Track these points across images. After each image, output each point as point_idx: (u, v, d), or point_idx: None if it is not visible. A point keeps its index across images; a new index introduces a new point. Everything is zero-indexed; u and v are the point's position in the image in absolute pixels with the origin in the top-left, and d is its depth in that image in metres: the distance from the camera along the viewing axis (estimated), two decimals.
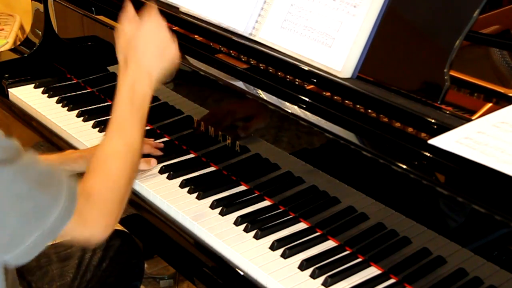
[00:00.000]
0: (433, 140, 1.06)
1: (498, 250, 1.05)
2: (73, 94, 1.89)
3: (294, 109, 1.33)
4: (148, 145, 1.54)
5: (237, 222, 1.32)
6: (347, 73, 1.30)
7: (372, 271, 1.21)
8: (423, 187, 1.11)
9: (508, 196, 1.02)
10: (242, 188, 1.44)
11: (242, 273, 1.22)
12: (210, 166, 1.53)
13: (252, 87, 1.42)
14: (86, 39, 1.95)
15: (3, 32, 2.96)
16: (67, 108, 1.80)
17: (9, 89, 1.91)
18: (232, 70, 1.47)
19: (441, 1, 1.24)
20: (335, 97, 1.30)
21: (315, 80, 1.35)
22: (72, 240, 1.10)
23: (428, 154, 1.13)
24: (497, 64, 1.45)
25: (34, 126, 1.78)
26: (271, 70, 1.42)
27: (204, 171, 1.51)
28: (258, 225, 1.30)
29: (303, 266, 1.20)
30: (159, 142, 1.60)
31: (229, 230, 1.30)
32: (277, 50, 1.41)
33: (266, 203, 1.39)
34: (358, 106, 1.26)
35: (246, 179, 1.45)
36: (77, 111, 1.77)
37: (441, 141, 1.05)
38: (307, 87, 1.35)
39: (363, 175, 1.24)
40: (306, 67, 1.35)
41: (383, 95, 1.24)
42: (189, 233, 1.32)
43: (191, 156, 1.57)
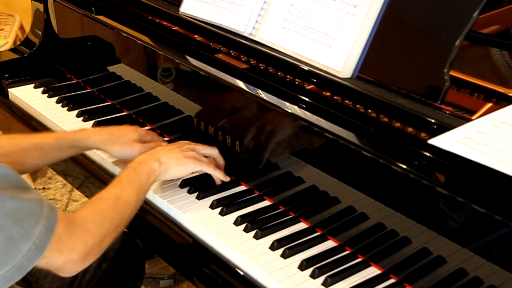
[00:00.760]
0: (433, 140, 1.06)
1: (498, 250, 1.05)
2: (73, 94, 1.89)
3: (294, 109, 1.33)
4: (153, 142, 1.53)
5: (237, 222, 1.32)
6: (347, 73, 1.30)
7: (372, 271, 1.21)
8: (423, 187, 1.11)
9: (508, 196, 1.02)
10: (242, 188, 1.44)
11: (242, 273, 1.22)
12: None
13: (252, 87, 1.42)
14: (86, 39, 1.95)
15: (3, 32, 2.96)
16: (67, 108, 1.80)
17: (9, 89, 1.91)
18: (232, 70, 1.47)
19: (441, 1, 1.24)
20: (335, 97, 1.30)
21: (315, 80, 1.35)
22: (45, 266, 1.09)
23: (428, 154, 1.12)
24: (497, 64, 1.45)
25: (34, 126, 1.78)
26: (271, 70, 1.42)
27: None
28: (258, 225, 1.30)
29: (303, 266, 1.20)
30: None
31: (229, 230, 1.30)
32: (277, 50, 1.41)
33: (266, 203, 1.39)
34: (358, 106, 1.26)
35: (246, 179, 1.45)
36: (77, 111, 1.77)
37: (441, 141, 1.05)
38: (307, 87, 1.35)
39: (363, 175, 1.24)
40: (306, 67, 1.35)
41: (383, 95, 1.24)
42: (189, 233, 1.33)
43: None
